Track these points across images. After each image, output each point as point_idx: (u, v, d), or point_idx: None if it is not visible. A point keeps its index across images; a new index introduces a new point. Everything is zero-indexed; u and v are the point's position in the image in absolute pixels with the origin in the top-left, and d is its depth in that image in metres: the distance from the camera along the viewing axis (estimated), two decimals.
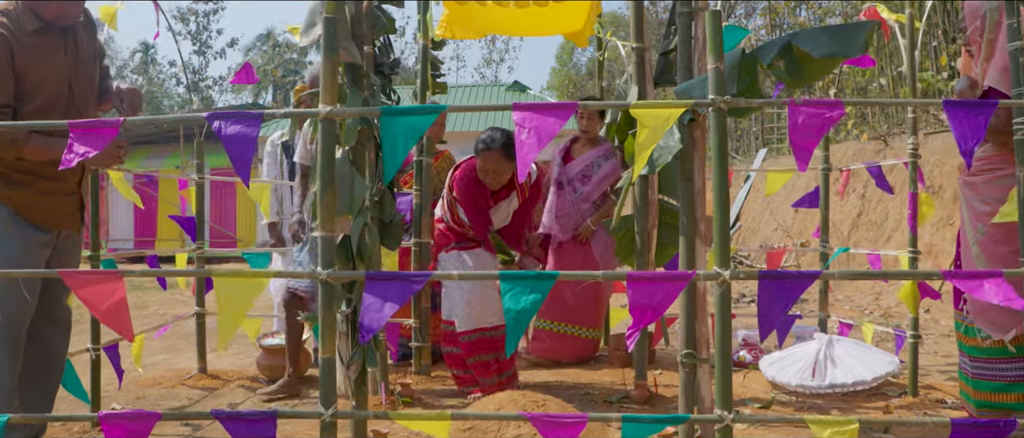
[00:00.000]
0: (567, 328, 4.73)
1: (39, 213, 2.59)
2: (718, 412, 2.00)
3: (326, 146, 2.02)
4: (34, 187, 2.58)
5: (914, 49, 3.63)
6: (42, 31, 2.54)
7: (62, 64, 2.60)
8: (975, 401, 3.09)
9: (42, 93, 2.53)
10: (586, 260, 4.68)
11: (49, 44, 2.57)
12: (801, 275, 1.97)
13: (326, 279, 2.01)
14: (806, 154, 2.03)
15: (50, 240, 2.63)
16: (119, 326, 1.97)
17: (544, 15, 4.63)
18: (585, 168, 4.77)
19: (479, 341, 3.83)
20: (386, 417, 2.02)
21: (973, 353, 3.11)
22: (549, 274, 1.96)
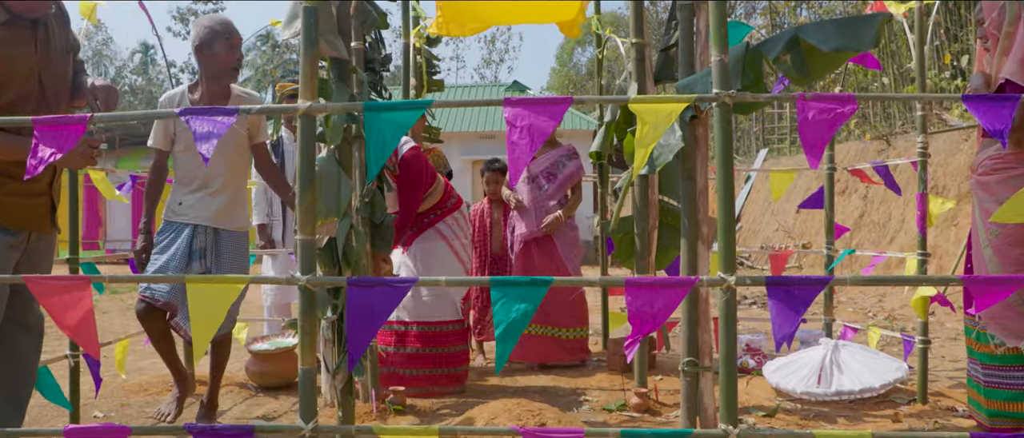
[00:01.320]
0: (550, 331, 4.62)
1: (7, 215, 2.47)
2: (723, 426, 1.89)
3: (306, 144, 1.90)
4: (2, 188, 2.44)
5: (923, 44, 3.51)
6: (9, 24, 2.42)
7: (32, 58, 2.47)
8: (987, 411, 2.95)
9: (10, 89, 2.41)
10: (552, 260, 4.62)
11: (17, 38, 2.44)
12: (811, 281, 1.84)
13: (305, 285, 1.89)
14: (817, 150, 1.92)
15: (19, 242, 2.50)
16: (85, 340, 1.85)
17: (535, 5, 4.54)
18: (550, 166, 4.75)
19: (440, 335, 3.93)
20: (370, 432, 1.90)
21: (986, 360, 2.96)
22: (543, 280, 1.84)
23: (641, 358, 3.70)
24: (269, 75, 32.43)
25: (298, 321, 1.92)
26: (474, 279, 1.97)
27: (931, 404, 3.57)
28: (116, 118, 2.05)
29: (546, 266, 4.61)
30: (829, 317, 4.38)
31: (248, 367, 4.10)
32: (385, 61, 3.38)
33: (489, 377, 4.40)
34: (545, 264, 4.62)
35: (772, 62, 2.58)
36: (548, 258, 4.65)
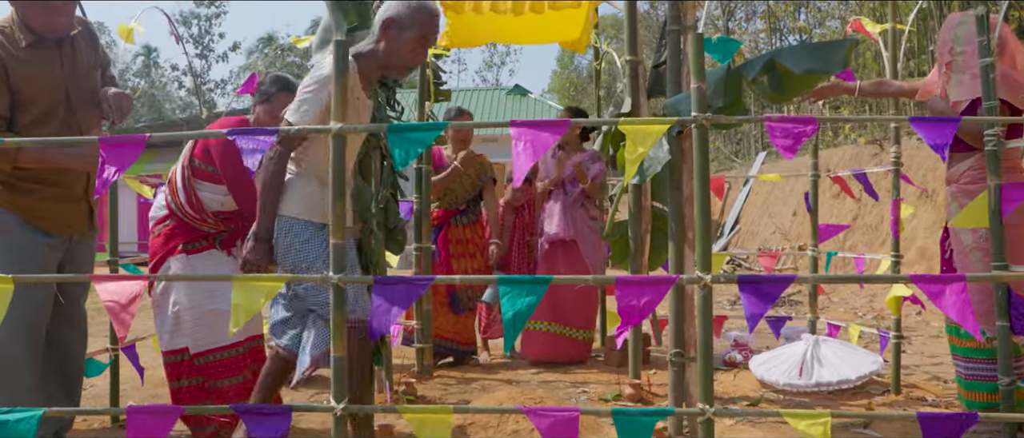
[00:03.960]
0: (562, 329, 4.89)
1: (46, 218, 2.69)
2: (701, 406, 2.16)
3: (338, 159, 2.18)
4: (39, 194, 2.67)
5: (896, 62, 3.79)
6: (36, 45, 2.65)
7: (58, 75, 2.70)
8: (967, 402, 3.19)
9: (37, 105, 2.64)
10: (575, 263, 4.85)
11: (44, 57, 2.67)
12: (777, 279, 2.12)
13: (337, 283, 2.17)
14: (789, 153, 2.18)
15: (60, 244, 2.75)
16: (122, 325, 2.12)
17: (541, 23, 4.79)
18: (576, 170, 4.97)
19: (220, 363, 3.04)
20: (394, 411, 2.18)
21: (967, 354, 3.18)
22: (543, 278, 2.12)
23: (635, 353, 3.98)
24: None
25: (331, 315, 2.19)
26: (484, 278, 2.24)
27: (904, 395, 3.85)
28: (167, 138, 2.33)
29: (568, 268, 4.83)
30: (814, 315, 4.65)
31: None
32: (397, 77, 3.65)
33: (493, 372, 4.68)
34: (568, 266, 4.86)
35: (750, 83, 2.87)
36: (571, 260, 4.89)
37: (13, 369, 2.65)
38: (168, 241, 3.04)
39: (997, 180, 2.92)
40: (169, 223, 3.06)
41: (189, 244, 3.03)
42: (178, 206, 3.03)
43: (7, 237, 2.65)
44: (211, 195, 3.03)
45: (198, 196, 3.01)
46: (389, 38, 2.60)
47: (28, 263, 2.62)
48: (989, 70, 2.87)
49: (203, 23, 34.52)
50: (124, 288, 2.20)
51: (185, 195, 3.01)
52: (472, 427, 3.13)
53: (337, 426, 2.18)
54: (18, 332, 2.62)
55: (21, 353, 2.66)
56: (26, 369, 2.67)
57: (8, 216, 2.65)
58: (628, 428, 2.15)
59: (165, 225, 3.07)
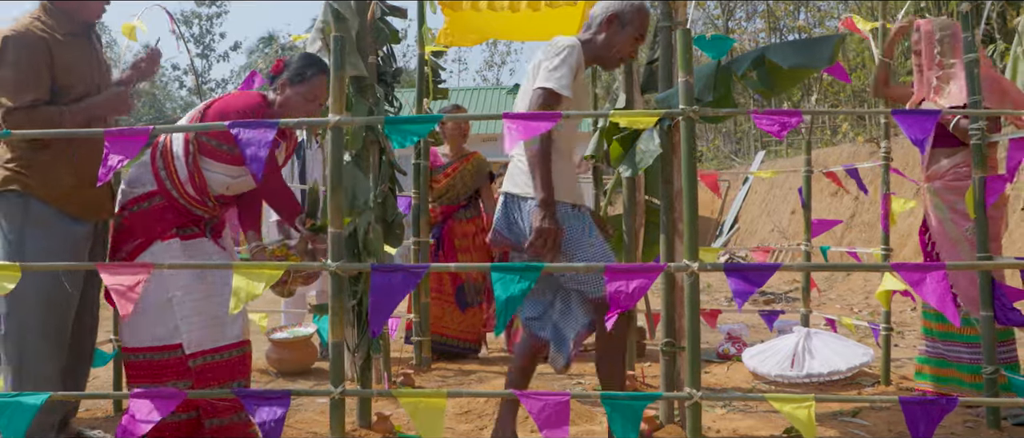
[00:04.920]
0: None
1: (78, 206, 2.73)
2: (688, 390, 2.23)
3: (335, 152, 2.25)
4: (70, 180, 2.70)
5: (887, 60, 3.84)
6: (72, 34, 2.74)
7: (90, 65, 2.79)
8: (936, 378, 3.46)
9: (72, 93, 2.72)
10: None
11: (78, 46, 2.76)
12: (761, 267, 2.19)
13: (335, 271, 2.23)
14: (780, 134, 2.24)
15: (90, 232, 2.81)
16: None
17: (538, 20, 4.85)
18: None
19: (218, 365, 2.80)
20: (390, 395, 2.25)
21: (945, 337, 3.47)
22: (535, 266, 2.18)
23: (630, 346, 4.03)
24: None
25: (329, 302, 2.26)
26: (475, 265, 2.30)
27: (894, 385, 3.91)
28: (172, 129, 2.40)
29: None
30: (807, 309, 4.71)
31: (269, 354, 4.44)
32: (396, 74, 3.72)
33: (491, 365, 4.75)
34: None
35: (740, 78, 2.93)
36: None
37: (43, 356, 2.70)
38: (155, 223, 2.76)
39: (983, 173, 3.00)
40: (157, 201, 2.77)
41: (183, 229, 2.78)
42: (175, 184, 2.76)
43: (44, 230, 2.69)
44: (218, 176, 2.79)
45: (202, 175, 2.78)
46: (610, 32, 2.73)
47: (64, 253, 2.68)
48: (973, 66, 2.94)
49: (204, 23, 34.60)
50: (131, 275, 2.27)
51: (187, 173, 2.75)
52: (468, 415, 3.20)
53: (335, 410, 2.25)
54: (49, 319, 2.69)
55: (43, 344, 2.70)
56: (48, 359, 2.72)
57: (44, 207, 2.68)
58: (617, 413, 2.21)
59: (150, 203, 2.78)
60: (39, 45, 2.64)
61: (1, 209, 2.69)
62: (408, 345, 4.85)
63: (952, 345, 3.45)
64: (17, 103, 2.59)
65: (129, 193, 2.82)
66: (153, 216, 2.77)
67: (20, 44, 2.61)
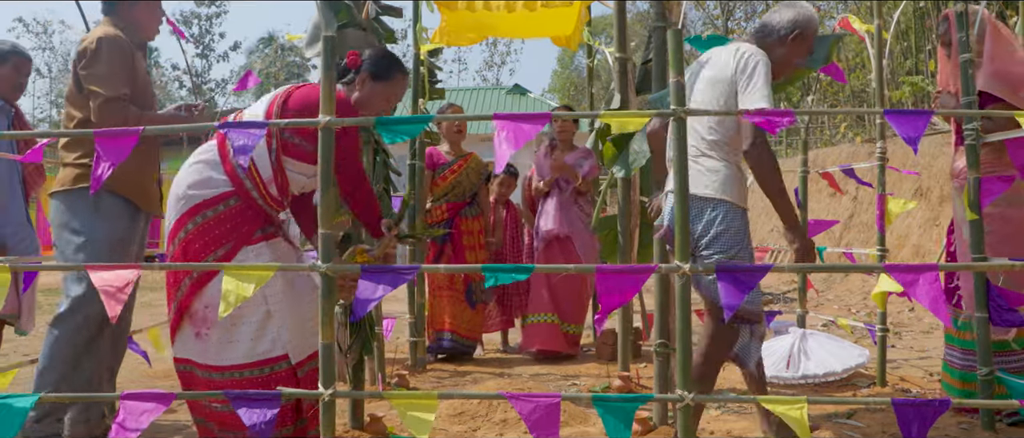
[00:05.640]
0: (556, 320, 4.97)
1: (143, 198, 2.94)
2: (679, 392, 2.22)
3: (325, 152, 2.23)
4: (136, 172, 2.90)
5: (882, 58, 3.84)
6: (139, 47, 3.01)
7: (146, 80, 3.04)
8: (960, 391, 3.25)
9: (135, 103, 2.91)
10: (571, 259, 4.93)
11: (140, 62, 3.02)
12: (753, 268, 2.18)
13: (325, 272, 2.22)
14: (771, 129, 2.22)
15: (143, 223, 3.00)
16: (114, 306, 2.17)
17: (534, 19, 4.86)
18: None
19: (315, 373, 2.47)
20: (380, 397, 2.23)
21: (968, 347, 3.20)
22: (526, 267, 2.17)
23: (625, 347, 4.03)
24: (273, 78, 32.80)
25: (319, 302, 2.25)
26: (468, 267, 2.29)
27: (890, 387, 3.90)
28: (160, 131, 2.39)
29: (564, 263, 4.91)
30: (803, 310, 4.70)
31: None
32: None
33: (487, 366, 4.74)
34: (563, 261, 4.94)
35: None
36: (567, 255, 5.00)
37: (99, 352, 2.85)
38: (238, 226, 2.48)
39: (977, 173, 2.99)
40: (233, 204, 2.49)
41: (264, 229, 2.53)
42: (256, 185, 2.51)
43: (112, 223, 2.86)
44: (297, 176, 2.60)
45: (285, 175, 2.57)
46: (791, 48, 2.73)
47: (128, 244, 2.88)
48: (968, 66, 2.93)
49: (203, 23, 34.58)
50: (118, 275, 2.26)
51: (271, 172, 2.52)
52: (462, 416, 3.19)
53: (325, 412, 2.24)
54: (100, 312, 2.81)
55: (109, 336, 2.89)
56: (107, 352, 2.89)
57: (114, 199, 2.86)
58: (610, 414, 2.20)
59: (226, 206, 2.49)
60: (126, 49, 2.90)
61: (73, 204, 2.85)
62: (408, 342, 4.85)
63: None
64: (112, 94, 2.81)
65: (197, 196, 2.48)
66: (233, 219, 2.48)
67: (113, 45, 2.86)
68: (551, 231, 5.01)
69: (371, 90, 2.68)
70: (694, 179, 2.59)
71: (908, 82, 10.60)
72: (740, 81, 2.60)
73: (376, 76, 2.68)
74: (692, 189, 2.57)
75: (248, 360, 2.45)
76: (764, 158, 2.59)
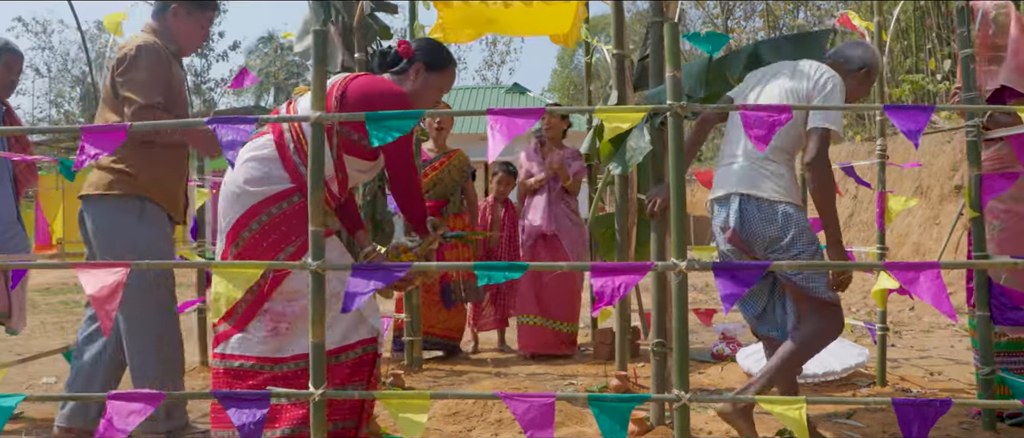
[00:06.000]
0: (546, 322, 4.94)
1: (176, 207, 3.05)
2: (676, 392, 2.18)
3: (316, 148, 2.20)
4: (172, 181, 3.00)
5: (882, 56, 3.80)
6: (175, 56, 3.08)
7: (182, 89, 3.09)
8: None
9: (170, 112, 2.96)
10: (557, 257, 4.91)
11: (177, 69, 3.09)
12: (750, 266, 2.14)
13: (315, 270, 2.18)
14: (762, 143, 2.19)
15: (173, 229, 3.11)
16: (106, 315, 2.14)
17: (531, 15, 4.81)
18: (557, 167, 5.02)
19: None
20: (371, 397, 2.20)
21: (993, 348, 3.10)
22: (520, 265, 2.14)
23: (622, 346, 3.99)
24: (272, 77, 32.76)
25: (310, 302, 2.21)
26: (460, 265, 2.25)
27: (891, 386, 3.87)
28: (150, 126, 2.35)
29: (550, 261, 4.88)
30: None
31: None
32: None
33: (483, 366, 4.70)
34: (550, 259, 4.91)
35: (735, 79, 2.89)
36: (553, 253, 4.96)
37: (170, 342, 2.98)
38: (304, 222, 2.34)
39: (978, 171, 2.95)
40: (296, 200, 2.43)
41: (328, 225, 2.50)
42: None
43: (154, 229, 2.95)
44: (355, 172, 2.55)
45: (346, 170, 2.52)
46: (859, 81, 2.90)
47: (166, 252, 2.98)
48: (969, 61, 2.89)
49: None
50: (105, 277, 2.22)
51: (332, 168, 2.47)
52: (457, 416, 3.15)
53: (315, 412, 2.20)
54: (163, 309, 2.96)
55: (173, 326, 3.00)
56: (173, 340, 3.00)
57: (155, 207, 2.96)
58: (605, 415, 2.17)
59: (290, 203, 2.43)
60: (164, 57, 2.97)
61: (116, 210, 2.91)
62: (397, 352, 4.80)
63: None
64: (147, 101, 2.85)
65: (258, 193, 2.43)
66: (299, 215, 2.41)
67: (151, 53, 2.92)
68: (538, 228, 4.98)
69: (425, 81, 2.61)
70: (759, 183, 2.70)
71: (908, 80, 10.57)
72: (815, 97, 2.72)
73: (430, 66, 2.61)
74: (760, 193, 2.69)
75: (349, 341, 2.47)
76: (826, 172, 2.68)
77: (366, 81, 2.50)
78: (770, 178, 2.71)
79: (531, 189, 5.05)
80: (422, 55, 2.60)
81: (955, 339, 5.50)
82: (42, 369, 4.43)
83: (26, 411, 3.43)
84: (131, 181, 2.89)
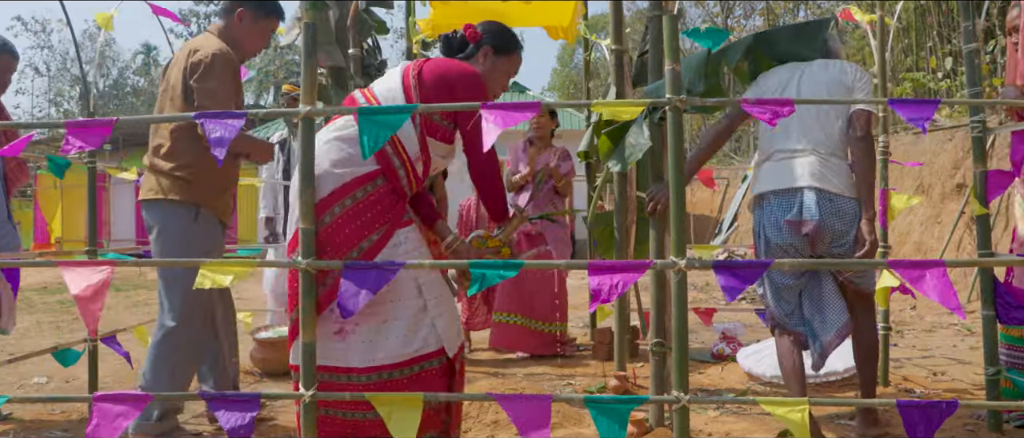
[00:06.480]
0: (528, 322, 4.91)
1: (226, 212, 3.11)
2: (675, 393, 2.13)
3: (305, 143, 2.14)
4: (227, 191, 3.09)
5: (884, 50, 3.75)
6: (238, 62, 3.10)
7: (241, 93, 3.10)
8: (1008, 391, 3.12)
9: None
10: (542, 256, 4.86)
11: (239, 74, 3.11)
12: (751, 264, 2.09)
13: (305, 268, 2.13)
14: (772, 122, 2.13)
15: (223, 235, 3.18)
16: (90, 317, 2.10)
17: (530, 11, 4.76)
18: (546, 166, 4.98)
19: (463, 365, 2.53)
20: (363, 398, 2.14)
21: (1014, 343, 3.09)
22: (514, 263, 2.08)
23: (622, 346, 3.94)
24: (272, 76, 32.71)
25: (301, 301, 2.16)
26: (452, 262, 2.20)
27: (893, 386, 3.81)
28: (138, 121, 2.30)
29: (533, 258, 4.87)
30: None
31: (253, 354, 4.35)
32: (381, 66, 3.63)
33: (480, 365, 4.65)
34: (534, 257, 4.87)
35: (732, 68, 2.83)
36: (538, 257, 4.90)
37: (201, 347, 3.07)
38: (390, 206, 2.31)
39: (983, 167, 2.90)
40: (380, 184, 2.32)
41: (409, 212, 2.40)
42: (404, 163, 2.34)
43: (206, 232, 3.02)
44: (437, 156, 2.45)
45: (429, 153, 2.40)
46: None
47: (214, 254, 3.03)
48: (974, 56, 2.84)
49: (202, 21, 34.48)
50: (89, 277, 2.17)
51: (417, 150, 2.36)
52: None
53: (306, 414, 2.15)
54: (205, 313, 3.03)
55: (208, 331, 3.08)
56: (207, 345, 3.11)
57: (208, 214, 3.02)
58: (603, 416, 2.11)
59: (374, 186, 2.32)
60: (235, 65, 3.02)
61: (170, 215, 2.97)
62: None
63: None
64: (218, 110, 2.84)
65: (344, 175, 2.30)
66: (383, 201, 2.31)
67: (225, 61, 2.96)
68: (523, 228, 4.94)
69: (493, 65, 2.56)
70: (829, 177, 2.76)
71: (908, 78, 10.52)
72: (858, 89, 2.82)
73: (499, 50, 2.57)
74: (831, 187, 2.74)
75: (397, 359, 2.28)
76: (872, 150, 2.80)
77: (442, 62, 2.43)
78: (837, 173, 2.77)
79: (516, 186, 5.01)
80: (490, 39, 2.56)
81: (957, 338, 5.45)
82: (33, 369, 4.37)
83: (15, 412, 3.38)
84: (187, 188, 2.95)
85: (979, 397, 3.46)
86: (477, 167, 2.45)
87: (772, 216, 2.82)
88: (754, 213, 2.93)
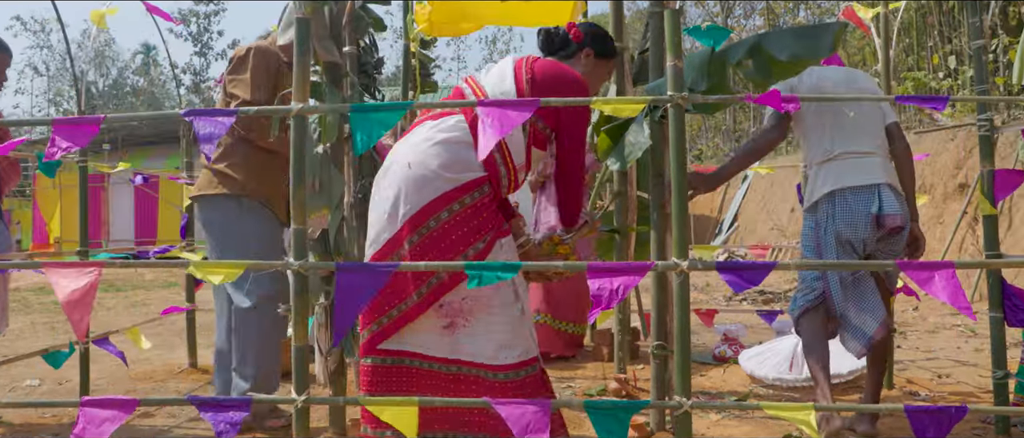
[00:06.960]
0: (554, 322, 4.82)
1: (280, 207, 3.16)
2: (678, 399, 2.07)
3: (297, 142, 2.09)
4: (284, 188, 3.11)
5: (889, 48, 3.70)
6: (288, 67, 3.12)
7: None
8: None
9: None
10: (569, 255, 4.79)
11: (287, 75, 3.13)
12: (754, 265, 2.03)
13: (298, 270, 2.08)
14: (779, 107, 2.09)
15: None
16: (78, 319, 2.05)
17: (528, 9, 4.70)
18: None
19: None
20: (356, 403, 2.09)
21: None
22: (512, 265, 2.03)
23: (623, 348, 3.89)
24: None
25: (292, 303, 2.10)
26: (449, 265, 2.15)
27: (897, 389, 3.76)
28: (126, 118, 2.25)
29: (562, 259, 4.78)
30: None
31: None
32: (378, 64, 3.57)
33: None
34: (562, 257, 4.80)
35: (735, 67, 2.77)
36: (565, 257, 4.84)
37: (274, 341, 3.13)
38: (492, 215, 2.28)
39: (991, 166, 2.84)
40: (486, 191, 2.28)
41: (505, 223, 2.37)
42: (509, 171, 2.32)
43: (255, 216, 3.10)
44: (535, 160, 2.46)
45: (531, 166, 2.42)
46: None
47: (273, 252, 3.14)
48: (981, 52, 2.78)
49: (202, 21, 34.39)
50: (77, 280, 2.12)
51: (524, 158, 2.35)
52: None
53: (299, 419, 2.10)
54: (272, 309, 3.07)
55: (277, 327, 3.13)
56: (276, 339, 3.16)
57: (255, 203, 3.10)
58: (603, 421, 2.06)
59: (481, 193, 2.27)
60: (274, 61, 3.14)
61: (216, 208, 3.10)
62: None
63: None
64: (247, 98, 3.04)
65: (454, 180, 2.23)
66: (487, 208, 2.27)
67: (260, 55, 3.12)
68: (554, 227, 4.87)
69: (594, 67, 2.56)
70: (893, 175, 2.98)
71: (910, 77, 10.47)
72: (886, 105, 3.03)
73: (599, 53, 2.58)
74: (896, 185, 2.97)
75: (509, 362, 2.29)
76: (911, 156, 3.07)
77: (553, 67, 2.39)
78: (895, 175, 3.00)
79: (537, 185, 4.92)
80: (591, 41, 2.55)
81: (961, 340, 5.39)
82: (26, 371, 4.32)
83: (5, 415, 3.33)
84: (231, 181, 3.07)
85: (986, 400, 3.41)
86: (568, 171, 2.43)
87: (849, 211, 2.89)
88: (818, 211, 2.96)
